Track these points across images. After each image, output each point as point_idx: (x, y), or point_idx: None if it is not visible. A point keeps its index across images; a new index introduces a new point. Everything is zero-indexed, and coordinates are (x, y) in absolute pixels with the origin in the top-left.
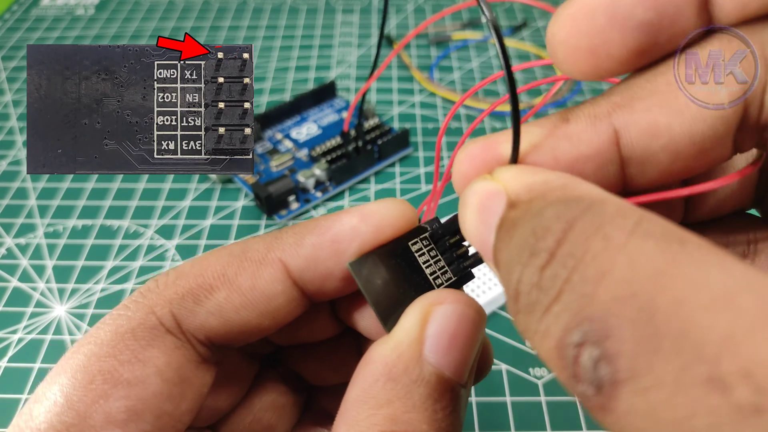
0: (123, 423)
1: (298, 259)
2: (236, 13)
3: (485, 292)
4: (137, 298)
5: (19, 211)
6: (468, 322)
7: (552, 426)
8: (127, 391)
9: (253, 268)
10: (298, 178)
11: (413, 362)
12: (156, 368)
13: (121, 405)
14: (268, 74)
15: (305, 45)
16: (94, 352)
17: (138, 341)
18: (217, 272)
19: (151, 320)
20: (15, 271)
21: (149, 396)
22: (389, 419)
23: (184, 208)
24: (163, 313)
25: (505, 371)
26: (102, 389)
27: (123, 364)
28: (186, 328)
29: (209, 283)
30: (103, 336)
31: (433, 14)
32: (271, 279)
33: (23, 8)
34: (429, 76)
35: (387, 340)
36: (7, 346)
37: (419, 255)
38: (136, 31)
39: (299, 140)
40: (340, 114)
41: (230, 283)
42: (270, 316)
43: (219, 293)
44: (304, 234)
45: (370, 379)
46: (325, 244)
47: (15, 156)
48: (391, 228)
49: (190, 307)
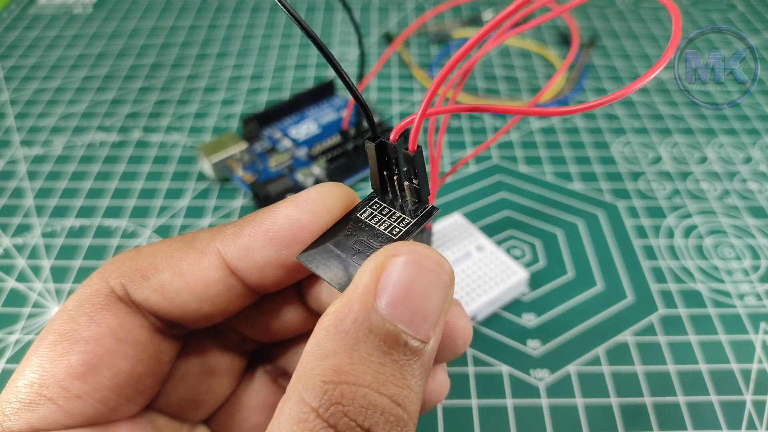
0: (81, 375)
1: (234, 249)
2: (234, 11)
3: (486, 291)
4: (99, 270)
5: (16, 211)
6: (426, 272)
7: (554, 429)
8: (84, 347)
9: (196, 255)
10: (296, 177)
11: (363, 313)
12: (109, 328)
13: (79, 359)
14: (267, 73)
15: (304, 43)
16: (62, 318)
17: (94, 306)
18: (166, 255)
19: (106, 288)
20: (12, 272)
21: (104, 352)
22: (332, 369)
23: (182, 207)
24: (115, 284)
25: (506, 373)
26: (63, 347)
27: (81, 326)
28: (134, 299)
29: (158, 263)
30: (69, 304)
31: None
32: (209, 266)
33: (20, 7)
34: (429, 74)
35: (342, 296)
36: (4, 347)
37: (370, 219)
38: (134, 30)
39: (298, 139)
40: (339, 113)
41: (175, 266)
42: (209, 301)
43: (164, 273)
44: (243, 225)
45: (321, 332)
46: (260, 234)
47: (12, 156)
48: (328, 211)
49: (138, 281)
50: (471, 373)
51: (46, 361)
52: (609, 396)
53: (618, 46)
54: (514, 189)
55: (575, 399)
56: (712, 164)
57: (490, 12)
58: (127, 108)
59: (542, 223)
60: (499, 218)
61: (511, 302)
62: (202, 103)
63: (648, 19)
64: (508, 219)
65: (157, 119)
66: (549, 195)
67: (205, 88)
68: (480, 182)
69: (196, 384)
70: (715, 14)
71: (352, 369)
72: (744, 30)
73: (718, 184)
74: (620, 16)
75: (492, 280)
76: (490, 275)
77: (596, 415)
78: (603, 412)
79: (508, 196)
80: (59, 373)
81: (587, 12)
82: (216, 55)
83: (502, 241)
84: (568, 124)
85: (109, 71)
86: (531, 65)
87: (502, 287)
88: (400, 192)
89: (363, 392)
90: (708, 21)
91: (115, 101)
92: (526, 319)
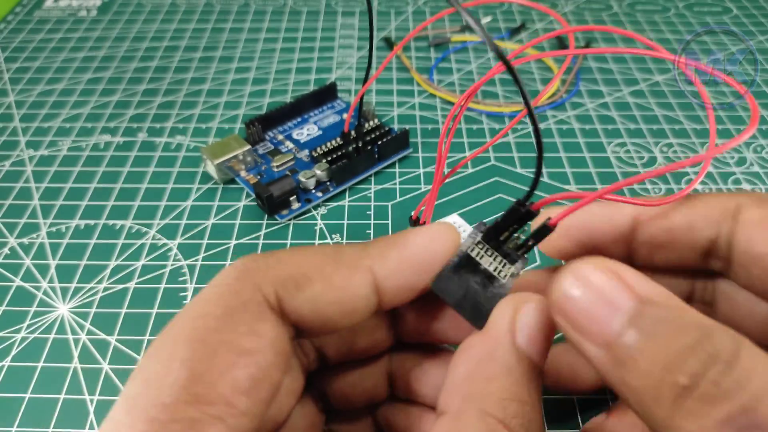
0: (247, 391)
1: (384, 269)
2: (237, 15)
3: None
4: (239, 275)
5: (23, 211)
6: (548, 317)
7: (550, 421)
8: (249, 360)
9: (347, 271)
10: (299, 178)
11: (508, 347)
12: (269, 340)
13: (245, 373)
14: (270, 76)
15: (306, 47)
16: (210, 326)
17: (251, 314)
18: (316, 267)
19: (259, 296)
20: (18, 271)
21: (267, 365)
22: (501, 389)
23: (186, 207)
24: (269, 292)
25: None
26: (228, 359)
27: (242, 336)
28: (285, 309)
29: (309, 274)
30: (214, 310)
31: (431, 16)
32: (361, 283)
33: (26, 10)
34: (429, 78)
35: (482, 333)
36: (10, 346)
37: (480, 258)
38: (139, 33)
39: (300, 141)
40: (341, 115)
41: (327, 279)
42: (349, 316)
43: (316, 285)
44: (386, 248)
45: (474, 359)
46: (406, 258)
47: (18, 156)
48: (450, 246)
49: (292, 291)
50: None
51: (206, 374)
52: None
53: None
54: (511, 190)
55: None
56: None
57: (488, 18)
58: (131, 110)
59: None
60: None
61: None
62: (206, 105)
63: (643, 23)
64: None
65: (162, 121)
66: (545, 196)
67: (209, 90)
68: (477, 183)
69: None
70: (710, 17)
71: (514, 390)
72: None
73: (713, 185)
74: (616, 19)
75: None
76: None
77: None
78: (596, 403)
79: (505, 197)
80: (225, 389)
81: (583, 15)
82: (219, 58)
83: None
84: (564, 125)
85: (114, 73)
86: (528, 68)
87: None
88: (508, 240)
89: (527, 408)
90: (702, 24)
91: (120, 103)
92: None
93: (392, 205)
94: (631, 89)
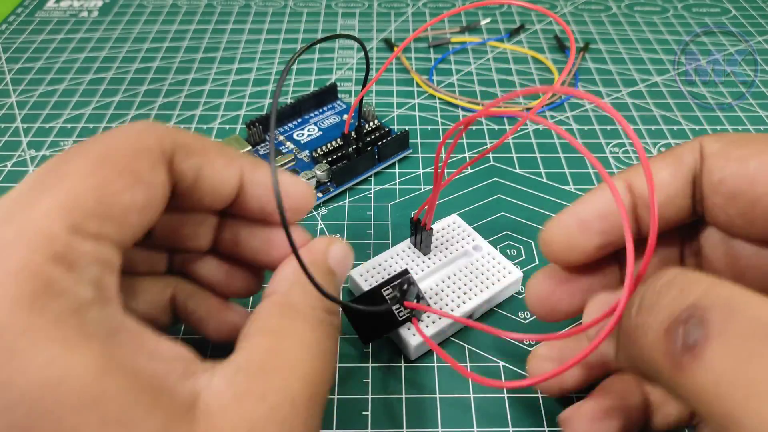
0: (142, 209)
1: (250, 175)
2: (238, 16)
3: (482, 291)
4: (147, 127)
5: None
6: (348, 252)
7: (549, 422)
8: (145, 188)
9: (226, 160)
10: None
11: (323, 259)
12: (161, 182)
13: (143, 196)
14: (271, 77)
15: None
16: (120, 154)
17: (152, 156)
18: (205, 146)
19: (159, 147)
20: None
21: (156, 199)
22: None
23: None
24: (166, 148)
25: (503, 368)
26: (125, 182)
27: (144, 170)
28: (173, 167)
29: (199, 149)
30: (124, 143)
31: (431, 17)
32: (233, 174)
33: (27, 11)
34: (428, 79)
35: (305, 249)
36: None
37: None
38: (140, 34)
39: (301, 141)
40: (341, 116)
41: (211, 159)
42: (213, 194)
43: (202, 158)
44: (261, 164)
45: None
46: (267, 180)
47: (19, 156)
48: (305, 201)
49: (183, 155)
50: (469, 368)
51: (106, 185)
52: None
53: (613, 50)
54: (510, 190)
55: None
56: None
57: (487, 20)
58: (133, 110)
59: (537, 224)
60: (495, 219)
61: (506, 300)
62: (207, 106)
63: (642, 23)
64: (504, 220)
65: (163, 121)
66: (544, 196)
67: (210, 91)
68: (477, 184)
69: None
70: (709, 17)
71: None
72: (738, 33)
73: None
74: (614, 20)
75: (488, 279)
76: (487, 275)
77: None
78: None
79: (504, 198)
80: (123, 202)
81: (582, 16)
82: (220, 59)
83: (498, 242)
84: (564, 126)
85: (116, 74)
86: (528, 69)
87: (498, 287)
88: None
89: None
90: (701, 24)
91: (122, 104)
92: (521, 316)
93: (392, 205)
94: (629, 90)
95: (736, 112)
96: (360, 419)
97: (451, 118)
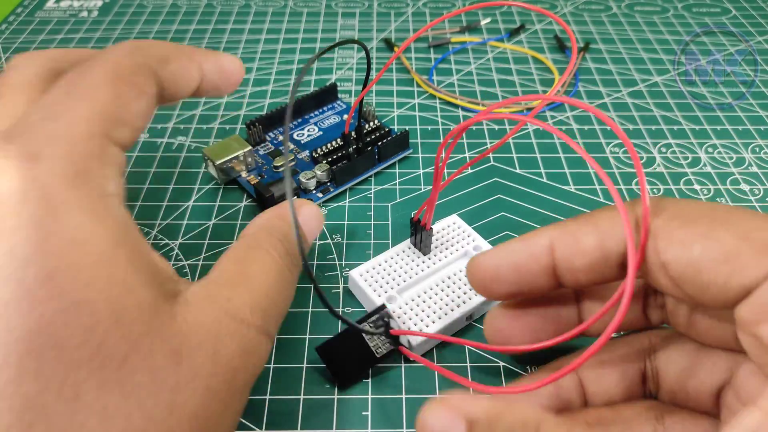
0: (143, 116)
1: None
2: (238, 16)
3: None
4: (138, 45)
5: None
6: (318, 217)
7: None
8: (147, 97)
9: (189, 60)
10: (299, 179)
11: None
12: (154, 92)
13: (146, 104)
14: (270, 77)
15: (307, 48)
16: (123, 70)
17: (146, 71)
18: (176, 53)
19: (148, 63)
20: None
21: (151, 107)
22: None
23: (187, 207)
24: (151, 62)
25: (503, 367)
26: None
27: (144, 82)
28: (157, 77)
29: (172, 57)
30: (124, 61)
31: (431, 17)
32: (198, 68)
33: (27, 11)
34: (428, 79)
35: None
36: None
37: (368, 339)
38: (139, 34)
39: (301, 142)
40: (341, 116)
41: (182, 64)
42: (186, 87)
43: (177, 64)
44: (213, 58)
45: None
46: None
47: None
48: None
49: (163, 64)
50: (469, 368)
51: (122, 96)
52: None
53: (613, 50)
54: (511, 191)
55: None
56: (705, 166)
57: (487, 20)
58: None
59: (537, 225)
60: (495, 219)
61: None
62: (206, 106)
63: (643, 23)
64: (504, 220)
65: (163, 122)
66: (545, 196)
67: None
68: (477, 184)
69: None
70: (709, 17)
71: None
72: (737, 33)
73: (711, 186)
74: (615, 20)
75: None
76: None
77: None
78: None
79: (504, 198)
80: (135, 110)
81: (582, 16)
82: None
83: (498, 242)
84: (564, 126)
85: None
86: (528, 69)
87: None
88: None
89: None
90: (701, 24)
91: None
92: None
93: (392, 205)
94: (629, 90)
95: (736, 112)
96: (360, 419)
97: (451, 118)
